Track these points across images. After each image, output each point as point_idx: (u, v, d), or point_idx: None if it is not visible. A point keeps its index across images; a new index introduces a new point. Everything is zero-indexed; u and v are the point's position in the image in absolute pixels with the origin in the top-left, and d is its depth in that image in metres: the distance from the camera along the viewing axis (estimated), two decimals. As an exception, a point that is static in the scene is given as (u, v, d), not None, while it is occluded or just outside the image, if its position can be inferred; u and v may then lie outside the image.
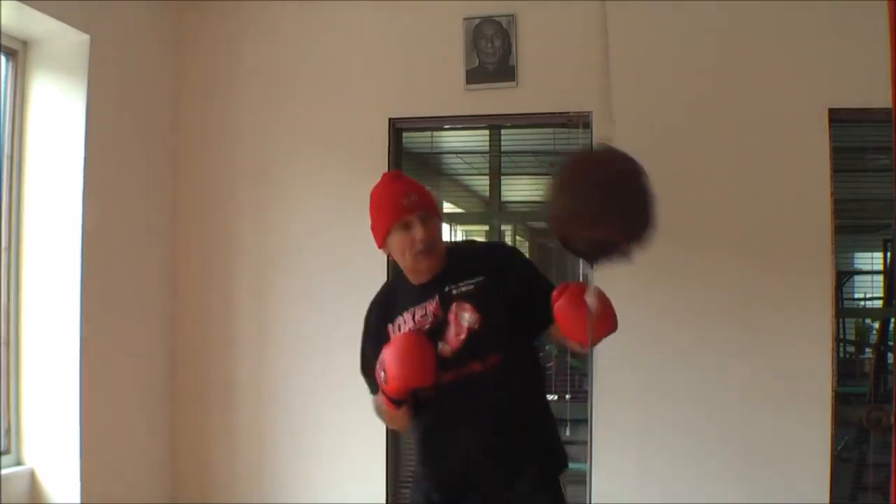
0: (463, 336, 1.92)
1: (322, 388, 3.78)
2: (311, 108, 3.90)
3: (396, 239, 1.99)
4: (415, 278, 2.03)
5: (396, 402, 1.88)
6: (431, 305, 1.97)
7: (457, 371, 1.91)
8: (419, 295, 2.01)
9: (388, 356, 1.83)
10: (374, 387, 2.00)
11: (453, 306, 1.95)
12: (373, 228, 2.06)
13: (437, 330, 1.95)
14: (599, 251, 1.69)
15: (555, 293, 1.78)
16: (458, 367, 1.91)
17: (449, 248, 2.05)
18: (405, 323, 2.00)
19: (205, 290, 3.95)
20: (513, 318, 1.95)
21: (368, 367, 2.02)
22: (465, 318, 1.93)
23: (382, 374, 1.83)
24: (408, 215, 1.97)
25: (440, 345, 1.92)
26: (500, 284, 1.96)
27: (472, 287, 1.96)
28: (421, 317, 1.98)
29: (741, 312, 3.48)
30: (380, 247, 2.06)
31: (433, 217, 2.02)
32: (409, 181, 2.11)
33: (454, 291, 1.97)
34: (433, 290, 1.99)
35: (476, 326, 1.92)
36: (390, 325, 2.02)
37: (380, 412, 2.02)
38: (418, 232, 1.95)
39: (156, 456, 3.83)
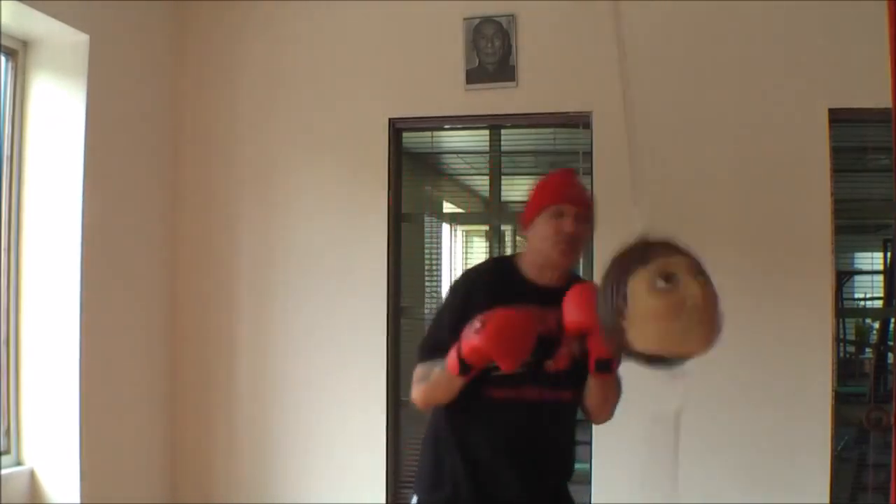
0: (569, 361, 1.88)
1: (322, 388, 3.78)
2: (311, 108, 3.90)
3: (545, 223, 1.90)
4: (539, 275, 1.94)
5: (466, 365, 1.75)
6: (552, 316, 1.83)
7: (548, 392, 1.88)
8: (538, 296, 1.89)
9: (494, 319, 1.70)
10: (429, 350, 1.91)
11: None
12: (527, 206, 1.96)
13: (547, 343, 1.85)
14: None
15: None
16: (550, 387, 1.88)
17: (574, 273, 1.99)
18: None
19: (205, 290, 3.95)
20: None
21: (445, 330, 1.89)
22: (577, 345, 1.85)
23: (476, 326, 1.71)
24: (567, 204, 1.89)
25: (549, 362, 1.87)
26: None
27: None
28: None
29: (741, 312, 3.46)
30: (524, 224, 1.96)
31: (588, 222, 1.95)
32: (578, 181, 2.04)
33: None
34: (553, 298, 1.84)
35: (581, 359, 1.86)
36: (479, 306, 1.84)
37: (426, 375, 1.87)
38: (569, 224, 1.87)
39: (156, 456, 3.83)
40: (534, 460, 1.93)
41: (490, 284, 1.95)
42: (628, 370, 3.60)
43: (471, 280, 2.03)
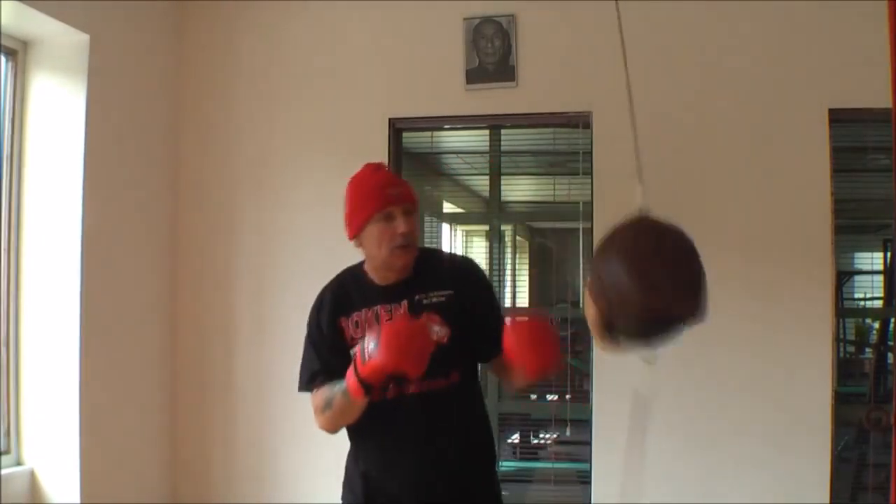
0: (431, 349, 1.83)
1: (322, 388, 3.78)
2: (311, 108, 3.90)
3: (375, 230, 1.88)
4: (381, 277, 1.95)
5: (366, 387, 1.74)
6: (400, 310, 1.89)
7: (420, 384, 1.84)
8: (383, 295, 1.93)
9: (388, 334, 1.70)
10: (315, 378, 1.94)
11: (423, 316, 1.87)
12: (348, 216, 1.95)
13: None
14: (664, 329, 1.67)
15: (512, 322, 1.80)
16: (424, 379, 1.82)
17: (418, 254, 1.96)
18: (365, 321, 1.91)
19: (205, 290, 3.95)
20: (472, 339, 1.91)
21: (315, 358, 1.96)
22: (434, 330, 1.84)
23: (370, 348, 1.70)
24: (392, 206, 1.88)
25: None
26: (467, 302, 1.91)
27: (443, 299, 1.90)
28: (387, 320, 1.89)
29: (741, 312, 3.48)
30: (351, 237, 1.95)
31: (415, 213, 1.94)
32: (392, 174, 2.02)
33: (425, 301, 1.90)
34: (400, 293, 1.91)
35: (444, 340, 1.86)
36: (344, 318, 1.93)
37: (328, 402, 1.88)
38: (401, 225, 1.86)
39: (156, 456, 3.83)
40: (430, 450, 1.90)
41: (336, 297, 1.98)
42: (632, 371, 3.60)
43: (320, 299, 2.03)
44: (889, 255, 4.67)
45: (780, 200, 3.47)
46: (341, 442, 3.93)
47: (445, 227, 5.12)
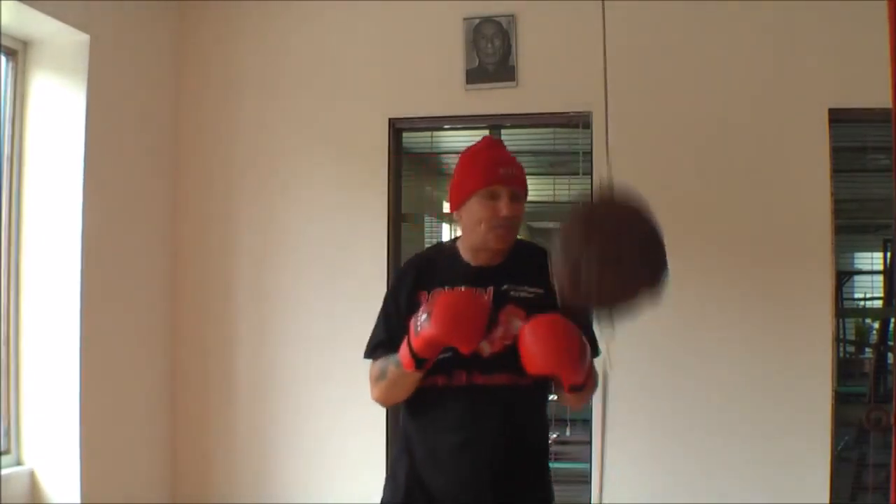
0: (508, 342, 1.75)
1: (322, 387, 3.78)
2: (311, 108, 3.90)
3: (478, 206, 1.79)
4: (473, 257, 1.86)
5: (420, 359, 1.69)
6: (484, 296, 1.78)
7: (489, 377, 1.77)
8: (471, 276, 1.83)
9: (440, 304, 1.65)
10: (378, 349, 1.88)
11: (508, 307, 1.79)
12: (454, 187, 1.87)
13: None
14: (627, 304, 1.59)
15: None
16: (492, 372, 1.77)
17: (517, 244, 1.87)
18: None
19: (205, 290, 3.95)
20: None
21: (383, 329, 1.89)
22: (516, 324, 1.75)
23: (422, 318, 1.65)
24: (501, 185, 1.79)
25: (482, 342, 1.75)
26: (555, 306, 1.73)
27: (531, 296, 1.80)
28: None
29: (741, 312, 3.48)
30: (453, 209, 1.87)
31: (522, 200, 1.85)
32: (509, 153, 1.90)
33: (512, 293, 1.81)
34: (488, 279, 1.82)
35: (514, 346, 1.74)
36: (424, 292, 1.83)
37: (382, 373, 1.82)
38: (505, 206, 1.78)
39: (156, 456, 3.83)
40: (483, 449, 1.80)
41: (423, 269, 1.90)
42: (632, 371, 3.61)
43: (407, 267, 1.96)
44: (889, 255, 4.67)
45: (780, 200, 3.47)
46: (342, 442, 3.94)
47: (445, 227, 5.12)
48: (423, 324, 1.65)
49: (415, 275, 1.89)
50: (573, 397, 1.79)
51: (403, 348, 1.72)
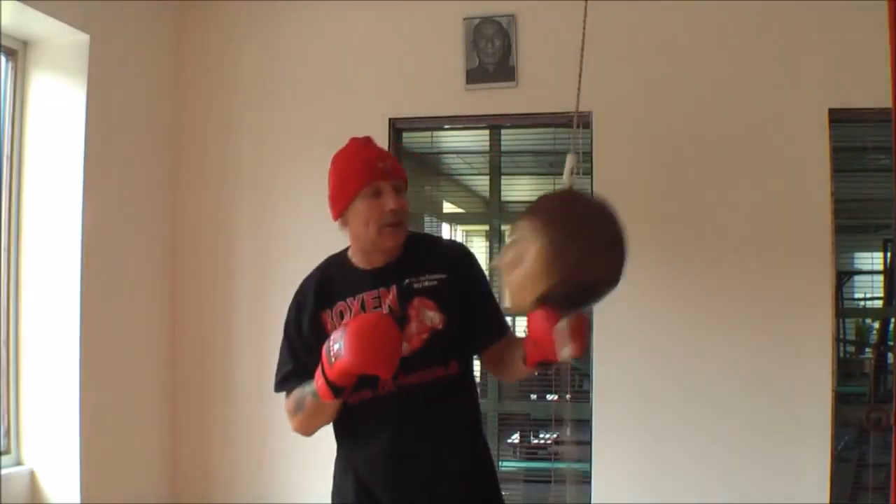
0: (425, 335, 1.72)
1: (322, 388, 3.78)
2: (310, 108, 3.90)
3: (362, 207, 1.72)
4: (366, 261, 1.79)
5: (336, 389, 1.62)
6: (388, 296, 1.74)
7: (419, 374, 1.71)
8: (370, 281, 1.77)
9: (352, 333, 1.56)
10: (288, 380, 1.88)
11: (415, 301, 1.74)
12: (333, 194, 1.81)
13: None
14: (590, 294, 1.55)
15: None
16: (420, 369, 1.71)
17: (407, 237, 1.81)
18: (349, 310, 1.76)
19: (205, 291, 3.95)
20: (469, 325, 1.77)
21: (289, 359, 1.88)
22: (427, 315, 1.72)
23: (335, 349, 1.58)
24: (381, 181, 1.73)
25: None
26: (462, 286, 1.77)
27: (434, 283, 1.76)
28: (374, 307, 1.75)
29: (741, 312, 3.48)
30: (336, 216, 1.81)
31: (405, 190, 1.78)
32: (381, 148, 1.84)
33: (416, 285, 1.75)
34: (388, 278, 1.76)
35: (440, 326, 1.73)
36: (328, 311, 1.79)
37: (300, 404, 1.79)
38: (390, 201, 1.71)
39: (156, 456, 3.83)
40: (426, 449, 1.74)
41: (319, 288, 1.84)
42: (632, 371, 3.60)
43: (301, 291, 1.90)
44: (889, 255, 4.66)
45: (780, 200, 3.47)
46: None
47: (445, 227, 5.12)
48: (336, 354, 1.58)
49: (313, 296, 1.84)
50: (524, 371, 1.72)
51: (319, 379, 1.64)
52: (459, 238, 5.80)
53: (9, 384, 3.30)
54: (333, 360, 1.59)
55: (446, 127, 4.00)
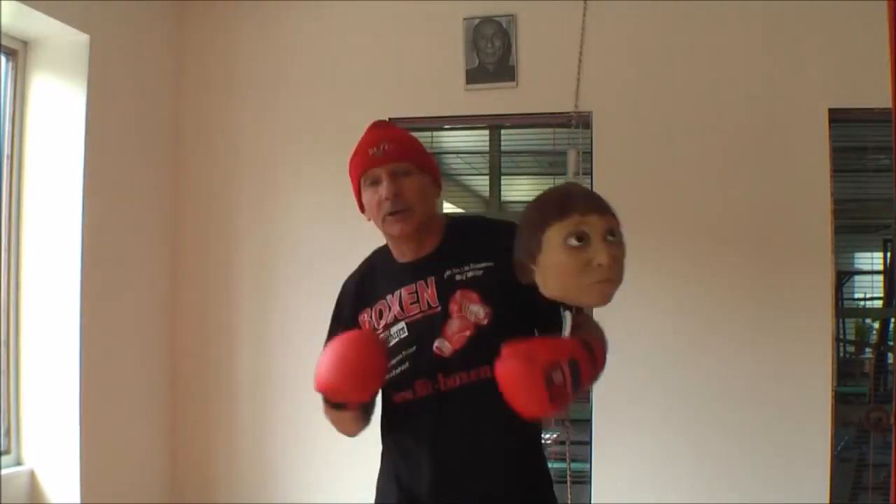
0: (469, 333, 1.54)
1: (322, 388, 3.78)
2: (311, 108, 3.90)
3: (366, 198, 1.63)
4: (400, 253, 1.66)
5: (330, 402, 1.56)
6: (426, 292, 1.60)
7: (460, 376, 1.55)
8: (407, 275, 1.63)
9: (324, 355, 1.49)
10: None
11: (457, 295, 1.57)
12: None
13: (431, 324, 1.58)
14: None
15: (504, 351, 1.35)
16: (462, 371, 1.55)
17: (448, 222, 1.68)
18: (389, 308, 1.63)
19: (205, 290, 3.95)
20: (519, 319, 1.54)
21: None
22: (471, 310, 1.55)
23: (318, 363, 1.51)
24: (374, 167, 1.60)
25: (437, 342, 1.56)
26: (511, 274, 1.47)
27: (480, 272, 1.58)
28: (411, 303, 1.61)
29: (741, 312, 3.48)
30: (362, 211, 1.69)
31: (413, 172, 1.61)
32: (388, 129, 1.69)
33: (458, 277, 1.58)
34: (427, 270, 1.61)
35: (485, 322, 1.55)
36: (367, 312, 1.67)
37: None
38: (386, 188, 1.57)
39: (156, 456, 3.83)
40: (464, 461, 1.58)
41: (359, 289, 1.73)
42: (633, 371, 3.60)
43: (343, 291, 1.80)
44: (889, 255, 4.66)
45: (779, 200, 3.47)
46: (343, 442, 3.92)
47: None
48: (318, 369, 1.51)
49: (355, 292, 1.74)
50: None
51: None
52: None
53: (9, 384, 3.30)
54: (317, 372, 1.51)
55: (446, 127, 4.00)
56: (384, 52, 3.84)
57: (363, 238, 4.12)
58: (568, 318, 1.47)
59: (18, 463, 3.29)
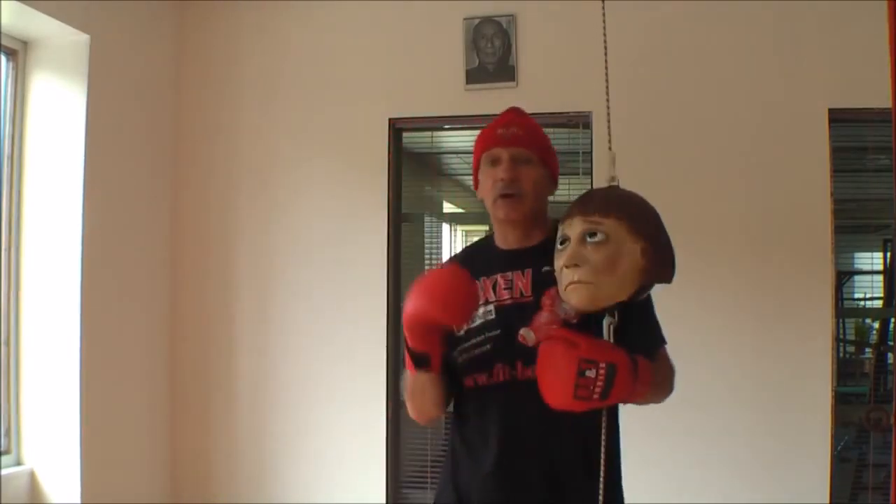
0: (556, 328, 1.53)
1: (322, 388, 3.78)
2: (311, 108, 3.90)
3: (482, 177, 1.63)
4: (503, 240, 1.67)
5: (417, 355, 1.50)
6: (521, 280, 1.60)
7: (525, 370, 1.55)
8: (506, 262, 1.63)
9: (420, 283, 1.46)
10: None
11: (552, 290, 1.55)
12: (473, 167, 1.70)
13: (520, 312, 1.57)
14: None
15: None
16: (529, 365, 1.54)
17: (556, 225, 1.62)
18: (481, 291, 1.61)
19: (205, 291, 3.95)
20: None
21: None
22: (563, 307, 1.54)
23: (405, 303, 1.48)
24: (499, 147, 1.61)
25: (523, 331, 1.54)
26: None
27: None
28: (504, 288, 1.60)
29: (741, 312, 3.48)
30: (476, 188, 1.69)
31: (534, 162, 1.62)
32: (521, 116, 1.70)
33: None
34: (525, 261, 1.61)
35: (574, 321, 1.53)
36: None
37: (405, 387, 1.65)
38: (504, 170, 1.58)
39: (156, 456, 3.83)
40: (532, 461, 1.57)
41: (472, 263, 1.67)
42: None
43: (455, 264, 1.76)
44: (889, 255, 4.66)
45: (779, 200, 3.47)
46: (343, 442, 3.94)
47: (445, 227, 5.12)
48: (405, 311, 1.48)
49: (460, 263, 1.72)
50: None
51: (405, 351, 1.56)
52: (459, 238, 5.79)
53: (9, 384, 3.30)
54: (403, 321, 1.49)
55: (446, 127, 4.00)
56: (384, 52, 3.85)
57: (362, 238, 4.13)
58: (605, 324, 1.48)
59: (18, 463, 3.29)
